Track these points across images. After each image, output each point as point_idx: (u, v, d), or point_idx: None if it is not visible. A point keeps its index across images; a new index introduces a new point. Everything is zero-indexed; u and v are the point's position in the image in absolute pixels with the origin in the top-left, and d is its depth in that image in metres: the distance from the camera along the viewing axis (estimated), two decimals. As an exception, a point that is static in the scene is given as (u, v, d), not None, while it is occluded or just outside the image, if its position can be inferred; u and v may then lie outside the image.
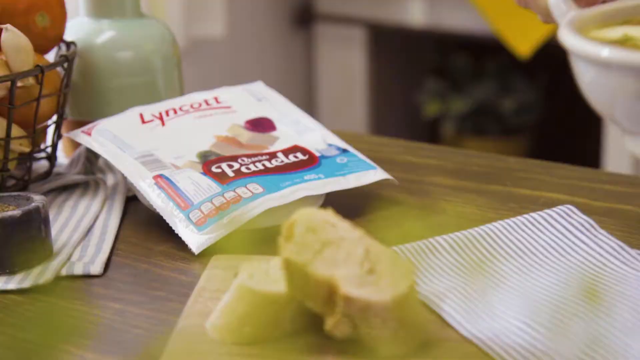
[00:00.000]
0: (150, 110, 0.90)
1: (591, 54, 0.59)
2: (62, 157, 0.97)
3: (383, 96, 2.51)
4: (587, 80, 0.61)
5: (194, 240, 0.77)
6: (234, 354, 0.57)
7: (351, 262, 0.56)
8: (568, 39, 0.61)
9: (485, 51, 2.38)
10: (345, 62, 2.48)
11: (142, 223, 0.84)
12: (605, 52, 0.58)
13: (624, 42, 0.62)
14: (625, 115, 0.60)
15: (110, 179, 0.90)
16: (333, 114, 2.56)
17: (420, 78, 2.50)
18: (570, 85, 2.61)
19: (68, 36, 0.95)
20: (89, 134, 0.87)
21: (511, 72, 2.39)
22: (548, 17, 0.71)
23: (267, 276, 0.59)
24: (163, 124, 0.88)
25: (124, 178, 0.88)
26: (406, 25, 2.34)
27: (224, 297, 0.59)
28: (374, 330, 0.55)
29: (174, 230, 0.78)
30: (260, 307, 0.57)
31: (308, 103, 2.62)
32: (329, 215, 0.59)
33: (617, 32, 0.64)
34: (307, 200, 0.82)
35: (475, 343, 0.57)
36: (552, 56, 2.27)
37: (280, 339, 0.58)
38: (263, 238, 0.67)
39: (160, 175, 0.81)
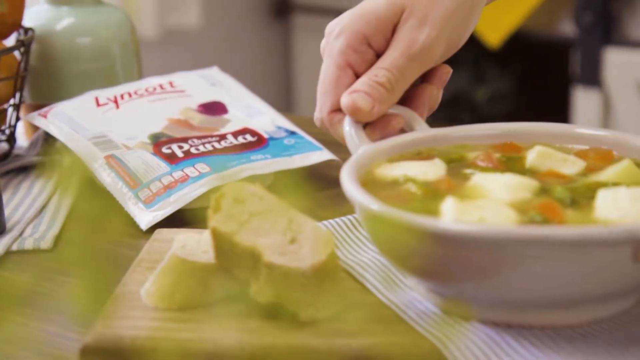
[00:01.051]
0: (105, 94, 0.93)
1: (363, 205, 0.58)
2: (23, 140, 1.00)
3: (359, 86, 2.54)
4: (361, 218, 0.61)
5: (143, 217, 0.81)
6: (165, 318, 0.60)
7: (275, 232, 0.60)
8: (344, 183, 0.60)
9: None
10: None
11: (96, 202, 0.87)
12: (374, 206, 0.57)
13: (402, 183, 0.62)
14: (393, 260, 0.60)
15: (67, 160, 0.94)
16: (311, 105, 2.59)
17: (396, 68, 2.53)
18: (542, 75, 2.67)
19: (28, 22, 0.98)
20: (45, 117, 0.90)
21: (485, 62, 2.42)
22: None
23: (198, 246, 0.63)
24: (117, 107, 0.92)
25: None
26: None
27: (158, 266, 0.63)
28: (295, 295, 0.58)
29: (124, 208, 0.82)
30: (190, 275, 0.61)
31: (286, 94, 2.65)
32: (257, 188, 0.62)
33: (401, 169, 0.64)
34: (255, 180, 0.85)
35: (392, 308, 0.60)
36: (525, 46, 2.31)
37: (208, 305, 0.61)
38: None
39: (112, 156, 0.85)
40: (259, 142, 0.89)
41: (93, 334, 0.59)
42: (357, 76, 0.70)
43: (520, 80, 2.44)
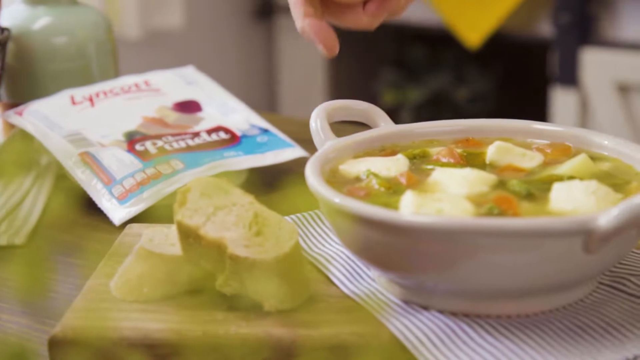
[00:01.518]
0: (81, 92, 0.94)
1: (326, 198, 0.59)
2: (0, 137, 1.01)
3: (342, 87, 2.56)
4: (325, 212, 0.62)
5: (116, 213, 0.82)
6: (133, 310, 0.61)
7: (240, 225, 0.61)
8: (308, 177, 0.62)
9: (441, 42, 2.43)
10: (305, 54, 2.52)
11: (71, 199, 0.88)
12: (336, 200, 0.58)
13: (365, 179, 0.64)
14: (354, 252, 0.62)
15: (43, 158, 0.95)
16: (294, 104, 2.61)
17: (378, 69, 2.55)
18: (522, 75, 2.68)
19: (4, 22, 0.99)
20: (21, 115, 0.91)
21: (466, 62, 2.44)
22: None
23: (166, 240, 0.64)
24: (93, 105, 0.93)
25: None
26: (363, 16, 2.39)
27: (126, 259, 0.64)
28: (260, 286, 0.60)
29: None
30: (157, 267, 0.62)
31: (270, 94, 2.67)
32: (223, 182, 0.64)
33: (365, 165, 0.65)
34: (227, 176, 0.87)
35: (354, 299, 0.62)
36: (506, 47, 2.33)
37: (176, 297, 0.62)
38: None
39: (86, 153, 0.86)
40: (232, 140, 0.90)
41: (61, 325, 0.60)
42: None
43: (501, 81, 2.46)
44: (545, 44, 2.10)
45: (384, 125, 0.71)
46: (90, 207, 0.84)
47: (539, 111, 2.18)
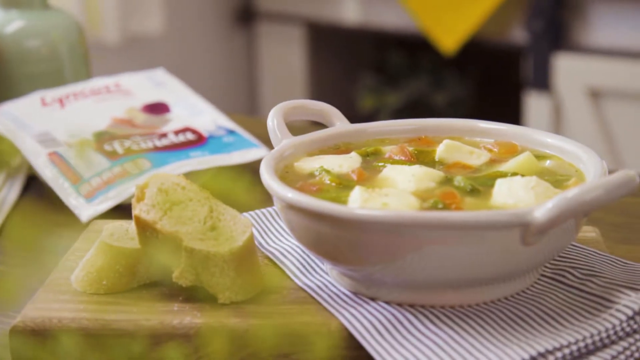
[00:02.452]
0: (51, 94, 0.97)
1: (278, 194, 0.61)
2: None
3: (322, 91, 2.58)
4: (278, 207, 0.64)
5: (83, 211, 0.84)
6: (92, 302, 0.63)
7: (196, 220, 0.64)
8: (262, 174, 0.64)
9: (419, 48, 2.46)
10: (285, 59, 2.55)
11: (41, 198, 0.90)
12: (288, 195, 0.60)
13: (317, 175, 0.66)
14: (306, 245, 0.63)
15: (13, 158, 0.97)
16: (275, 109, 2.63)
17: (358, 74, 2.58)
18: (499, 80, 2.69)
19: (-22, 26, 1.01)
20: (-8, 116, 0.93)
21: (443, 68, 2.47)
22: None
23: (126, 234, 0.66)
24: (63, 106, 0.95)
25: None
26: (341, 23, 2.42)
27: (87, 253, 0.66)
28: (214, 278, 0.62)
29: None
30: (117, 261, 0.64)
31: (250, 99, 2.69)
32: (180, 179, 0.66)
33: (318, 162, 0.68)
34: (194, 176, 0.89)
35: (307, 291, 0.64)
36: (482, 53, 2.36)
37: (134, 289, 0.65)
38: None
39: (55, 153, 0.88)
40: (198, 140, 0.93)
41: (22, 315, 0.62)
42: None
43: (478, 86, 2.49)
44: (519, 50, 2.13)
45: (339, 124, 0.74)
46: (59, 205, 0.86)
47: (514, 115, 2.21)
